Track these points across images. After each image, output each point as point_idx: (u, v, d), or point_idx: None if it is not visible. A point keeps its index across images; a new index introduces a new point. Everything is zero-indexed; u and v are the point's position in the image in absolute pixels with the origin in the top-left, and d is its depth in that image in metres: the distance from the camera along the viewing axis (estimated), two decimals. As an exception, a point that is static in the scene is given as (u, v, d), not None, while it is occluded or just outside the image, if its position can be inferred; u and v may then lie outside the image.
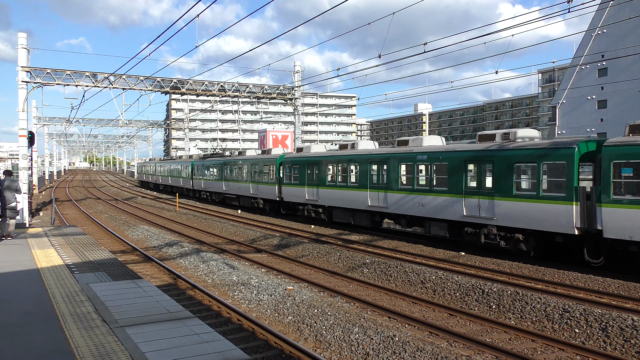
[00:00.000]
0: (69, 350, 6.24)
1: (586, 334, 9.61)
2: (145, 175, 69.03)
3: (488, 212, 16.59)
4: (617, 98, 47.85)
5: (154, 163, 65.23)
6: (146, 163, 72.76)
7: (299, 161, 27.57)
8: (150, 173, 65.06)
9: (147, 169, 68.57)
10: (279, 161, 29.39)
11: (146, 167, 69.86)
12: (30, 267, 11.51)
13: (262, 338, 9.33)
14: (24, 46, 26.50)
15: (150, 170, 65.70)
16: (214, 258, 16.64)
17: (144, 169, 70.83)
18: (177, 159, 56.55)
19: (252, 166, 32.78)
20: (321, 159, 25.81)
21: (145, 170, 68.99)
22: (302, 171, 27.08)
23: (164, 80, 32.70)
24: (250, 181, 33.00)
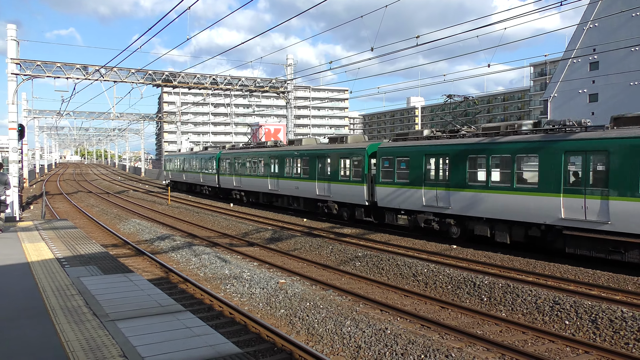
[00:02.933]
0: (59, 345, 6.21)
1: (576, 326, 9.69)
2: (173, 174, 51.22)
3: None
4: (609, 91, 48.11)
5: (179, 156, 49.83)
6: (173, 155, 54.14)
7: (414, 151, 19.76)
8: (176, 169, 49.70)
9: (174, 165, 50.66)
10: (368, 152, 22.17)
11: (174, 161, 51.31)
12: (21, 261, 11.43)
13: (254, 331, 9.33)
14: (14, 38, 26.21)
15: (177, 165, 49.59)
16: (206, 251, 16.61)
17: (172, 165, 51.54)
18: (197, 152, 46.47)
19: (320, 159, 25.31)
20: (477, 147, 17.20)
21: (173, 167, 51.12)
22: (416, 165, 19.42)
23: (155, 73, 32.48)
24: (317, 178, 25.37)
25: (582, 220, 13.99)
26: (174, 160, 50.35)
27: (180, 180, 48.08)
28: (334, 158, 24.43)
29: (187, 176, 45.60)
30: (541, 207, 14.92)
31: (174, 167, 50.36)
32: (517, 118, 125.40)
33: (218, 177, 37.55)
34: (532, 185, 15.39)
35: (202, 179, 41.29)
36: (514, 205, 15.71)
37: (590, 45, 48.01)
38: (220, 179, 37.12)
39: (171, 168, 51.33)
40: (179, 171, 48.38)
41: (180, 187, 48.88)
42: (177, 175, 49.24)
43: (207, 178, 39.87)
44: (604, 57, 47.13)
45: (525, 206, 15.38)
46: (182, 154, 49.26)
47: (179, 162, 48.57)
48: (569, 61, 51.19)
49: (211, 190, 40.15)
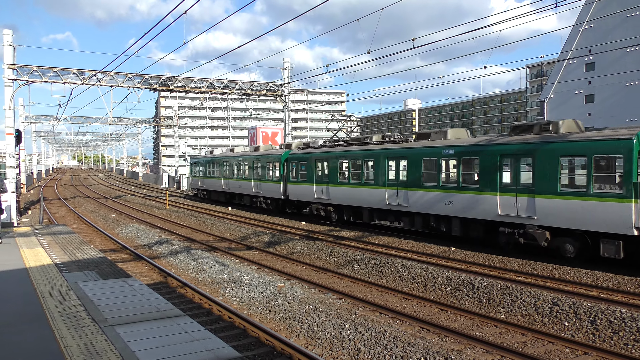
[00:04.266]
0: (58, 350, 6.19)
1: (575, 327, 9.70)
2: (204, 181, 41.73)
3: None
4: (605, 92, 48.27)
5: (214, 160, 39.75)
6: (204, 158, 42.34)
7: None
8: (211, 175, 39.89)
9: (206, 170, 41.06)
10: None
11: (206, 166, 41.24)
12: (19, 267, 11.40)
13: (254, 335, 9.32)
14: (10, 43, 26.21)
15: (211, 171, 40.09)
16: (204, 256, 16.59)
17: (203, 170, 41.89)
18: (244, 153, 36.11)
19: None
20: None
21: (204, 172, 41.57)
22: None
23: (152, 78, 32.50)
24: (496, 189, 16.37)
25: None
26: (206, 165, 40.61)
27: (216, 189, 38.82)
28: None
29: (228, 184, 36.03)
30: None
31: (205, 173, 41.00)
32: (514, 119, 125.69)
33: (285, 185, 28.21)
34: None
35: (256, 188, 31.68)
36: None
37: (586, 46, 48.19)
38: (290, 189, 27.55)
39: (201, 174, 41.91)
40: (213, 178, 39.00)
41: (216, 197, 39.91)
42: (211, 183, 39.94)
43: (266, 187, 30.38)
44: (599, 58, 47.29)
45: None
46: (218, 157, 39.42)
47: (214, 166, 39.07)
48: (564, 62, 51.35)
49: (271, 202, 30.54)
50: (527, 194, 15.55)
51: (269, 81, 37.18)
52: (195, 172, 43.62)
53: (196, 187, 43.93)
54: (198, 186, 43.21)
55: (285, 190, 28.38)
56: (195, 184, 44.26)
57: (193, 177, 44.79)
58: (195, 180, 43.91)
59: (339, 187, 23.79)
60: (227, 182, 36.40)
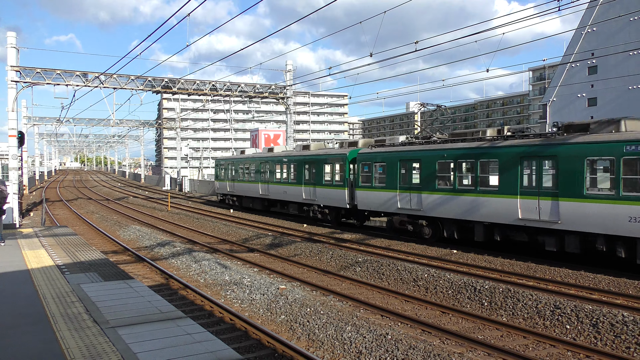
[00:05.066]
0: (60, 352, 6.20)
1: (577, 330, 9.67)
2: (235, 185, 35.69)
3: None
4: (607, 95, 48.23)
5: (247, 161, 33.78)
6: (234, 159, 36.59)
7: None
8: (244, 179, 34.04)
9: (238, 173, 35.21)
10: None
11: (237, 168, 35.38)
12: (21, 268, 11.42)
13: (255, 337, 9.31)
14: (13, 45, 26.29)
15: (243, 174, 34.20)
16: (206, 258, 16.60)
17: (233, 173, 36.14)
18: (288, 152, 30.18)
19: None
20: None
21: (234, 176, 35.78)
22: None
23: (155, 80, 32.57)
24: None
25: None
26: (238, 167, 34.86)
27: (251, 195, 33.16)
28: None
29: (267, 189, 30.43)
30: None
31: (235, 176, 35.28)
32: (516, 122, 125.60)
33: (351, 191, 23.17)
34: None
35: (308, 195, 26.09)
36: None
37: (589, 49, 48.17)
38: (359, 196, 22.42)
39: (231, 177, 36.13)
40: (247, 182, 33.35)
41: (249, 203, 34.15)
42: (243, 188, 34.16)
43: (323, 194, 24.96)
44: (602, 61, 47.28)
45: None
46: (254, 157, 33.07)
47: (247, 168, 33.28)
48: (567, 65, 51.34)
49: (330, 212, 25.05)
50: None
51: (271, 83, 37.25)
52: (222, 175, 37.59)
53: (223, 192, 37.68)
54: (226, 191, 36.95)
55: (351, 197, 23.08)
56: (222, 189, 37.87)
57: (219, 180, 38.33)
58: (223, 185, 37.60)
59: (438, 195, 18.63)
60: (265, 186, 30.66)
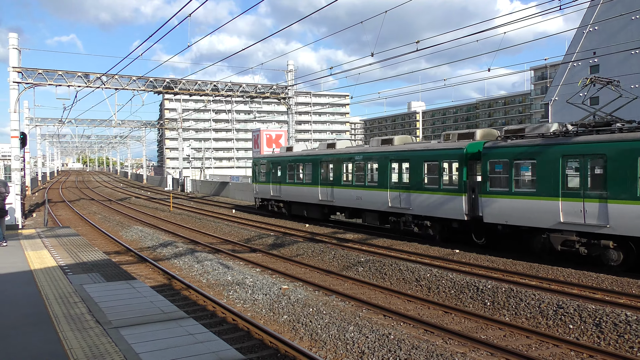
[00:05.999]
0: (63, 352, 6.21)
1: (580, 330, 9.65)
2: (283, 189, 29.26)
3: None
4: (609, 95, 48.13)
5: (303, 160, 27.66)
6: (281, 158, 30.06)
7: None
8: (297, 181, 28.02)
9: (288, 174, 28.82)
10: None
11: (287, 168, 28.94)
12: (23, 269, 11.44)
13: (257, 337, 9.31)
14: (15, 46, 26.35)
15: (299, 175, 28.01)
16: (208, 258, 16.60)
17: (280, 175, 29.62)
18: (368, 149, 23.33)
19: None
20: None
21: (283, 177, 29.26)
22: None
23: (156, 80, 32.61)
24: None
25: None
26: (288, 167, 28.72)
27: (306, 200, 26.99)
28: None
29: (331, 194, 24.64)
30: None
31: (283, 178, 29.00)
32: (518, 122, 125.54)
33: (472, 198, 17.80)
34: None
35: (397, 202, 20.45)
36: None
37: (591, 48, 48.11)
38: (487, 205, 16.85)
39: (277, 179, 29.70)
40: (301, 185, 27.40)
41: (301, 210, 27.80)
42: (296, 192, 27.95)
43: (423, 201, 19.29)
44: (604, 60, 47.20)
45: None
46: (312, 155, 26.91)
47: (302, 168, 27.55)
48: (569, 64, 51.27)
49: (436, 224, 19.29)
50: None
51: (273, 83, 37.27)
52: (264, 177, 31.08)
53: (265, 196, 31.26)
54: (268, 195, 30.64)
55: (472, 206, 17.71)
56: (263, 193, 31.57)
57: (259, 183, 31.89)
58: (264, 188, 31.28)
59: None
60: (327, 190, 24.91)
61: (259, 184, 32.10)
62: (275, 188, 29.82)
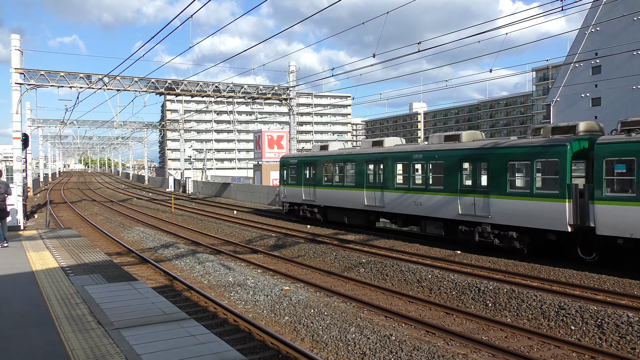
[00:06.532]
0: (64, 353, 6.21)
1: (582, 331, 9.64)
2: (312, 192, 26.40)
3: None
4: (611, 95, 48.07)
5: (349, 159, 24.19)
6: (317, 157, 26.67)
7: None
8: (336, 183, 24.84)
9: (331, 174, 25.19)
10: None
11: (326, 168, 25.65)
12: (25, 270, 11.45)
13: (259, 339, 9.31)
14: (17, 48, 26.39)
15: (337, 177, 24.94)
16: (210, 259, 16.61)
17: (315, 175, 26.38)
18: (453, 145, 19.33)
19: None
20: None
21: (318, 178, 26.07)
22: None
23: (158, 81, 32.64)
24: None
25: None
26: (322, 167, 25.68)
27: (347, 206, 23.85)
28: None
29: (377, 198, 21.63)
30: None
31: (318, 180, 25.80)
32: (519, 123, 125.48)
33: (581, 205, 14.58)
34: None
35: (468, 208, 17.62)
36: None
37: (592, 49, 48.04)
38: (604, 214, 13.89)
39: (310, 182, 26.56)
40: (340, 187, 24.22)
41: (341, 217, 24.68)
42: (334, 196, 24.67)
43: (509, 207, 16.34)
44: (606, 61, 47.13)
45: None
46: (350, 154, 24.34)
47: (340, 169, 24.59)
48: (571, 65, 51.19)
49: (525, 235, 16.34)
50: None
51: (274, 84, 37.29)
52: (293, 179, 28.09)
53: (295, 200, 27.96)
54: (300, 199, 27.41)
55: (580, 215, 14.51)
56: (293, 196, 28.11)
57: (288, 185, 28.61)
58: (294, 191, 27.94)
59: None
60: (375, 194, 21.69)
61: (287, 187, 28.76)
62: (308, 191, 26.63)
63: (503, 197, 16.44)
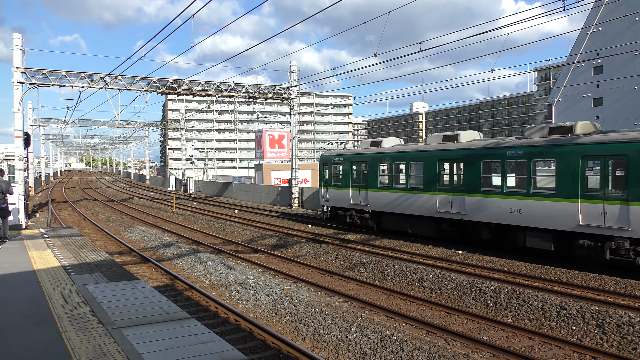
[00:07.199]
0: (66, 352, 6.22)
1: (583, 331, 9.63)
2: (361, 195, 22.84)
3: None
4: (613, 95, 48.01)
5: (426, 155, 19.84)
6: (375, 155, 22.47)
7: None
8: (395, 185, 21.11)
9: (389, 174, 21.45)
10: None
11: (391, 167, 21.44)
12: (27, 269, 11.47)
13: (260, 338, 9.32)
14: (19, 47, 26.40)
15: (399, 178, 21.10)
16: (211, 258, 16.62)
17: (378, 175, 22.07)
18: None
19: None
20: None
21: (376, 179, 22.09)
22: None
23: (159, 81, 32.65)
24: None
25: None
26: (378, 166, 22.19)
27: (410, 212, 20.24)
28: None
29: (456, 204, 18.18)
30: None
31: (372, 181, 22.17)
32: (521, 123, 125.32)
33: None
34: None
35: (602, 217, 13.88)
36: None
37: (594, 49, 47.98)
38: None
39: (358, 183, 23.24)
40: (401, 190, 20.57)
41: (403, 226, 21.04)
42: (390, 200, 21.08)
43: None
44: (608, 61, 47.07)
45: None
46: (417, 150, 20.62)
47: (404, 169, 20.85)
48: (572, 65, 51.14)
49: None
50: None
51: (276, 84, 37.28)
52: (339, 180, 24.67)
53: (341, 204, 24.43)
54: (347, 203, 23.75)
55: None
56: (337, 200, 24.65)
57: (332, 187, 25.07)
58: (339, 194, 24.45)
59: None
60: (455, 199, 18.18)
61: (330, 189, 25.13)
62: (358, 194, 23.01)
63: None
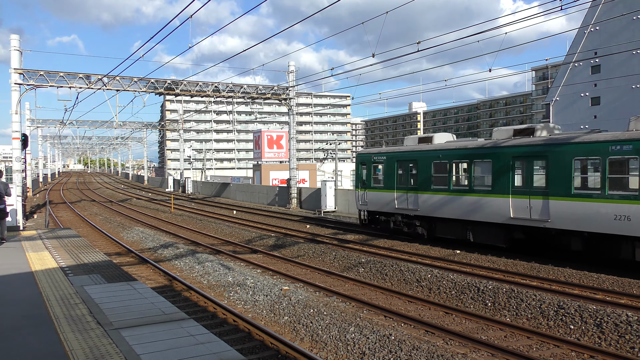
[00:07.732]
0: (64, 353, 6.21)
1: (581, 330, 9.65)
2: (409, 199, 20.01)
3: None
4: (611, 95, 48.12)
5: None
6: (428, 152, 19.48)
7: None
8: (463, 188, 18.14)
9: (450, 174, 18.54)
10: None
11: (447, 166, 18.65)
12: (25, 270, 11.45)
13: (258, 339, 9.32)
14: (17, 48, 26.37)
15: (449, 179, 18.48)
16: (209, 259, 16.61)
17: (432, 176, 19.07)
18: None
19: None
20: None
21: (413, 180, 20.10)
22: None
23: (158, 82, 32.63)
24: None
25: None
26: (429, 166, 19.28)
27: (474, 218, 17.57)
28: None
29: (547, 208, 15.12)
30: None
31: (423, 183, 19.52)
32: (519, 122, 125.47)
33: None
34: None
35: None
36: None
37: (592, 48, 48.09)
38: None
39: (404, 184, 20.51)
40: (470, 194, 17.72)
41: (462, 232, 18.32)
42: (449, 204, 18.45)
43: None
44: (605, 60, 47.18)
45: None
46: (484, 147, 17.65)
47: (474, 169, 17.73)
48: (570, 65, 51.21)
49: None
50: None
51: (274, 84, 37.29)
52: (379, 181, 22.00)
53: (382, 208, 21.76)
54: (392, 207, 21.02)
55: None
56: (377, 203, 21.96)
57: (371, 189, 22.26)
58: (381, 197, 21.74)
59: None
60: (535, 203, 15.54)
61: (370, 191, 22.22)
62: (405, 197, 20.30)
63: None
